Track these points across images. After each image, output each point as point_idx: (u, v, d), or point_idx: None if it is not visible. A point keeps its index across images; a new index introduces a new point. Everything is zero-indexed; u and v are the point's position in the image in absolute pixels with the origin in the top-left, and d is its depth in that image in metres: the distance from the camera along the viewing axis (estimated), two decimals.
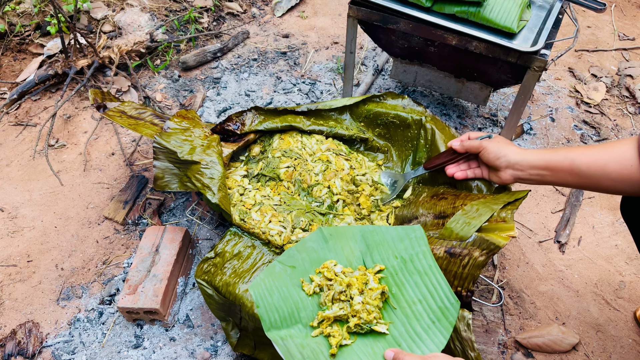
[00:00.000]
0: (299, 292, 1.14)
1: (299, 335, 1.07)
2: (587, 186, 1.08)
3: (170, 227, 1.53)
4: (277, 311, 1.10)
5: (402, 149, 1.55)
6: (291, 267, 1.17)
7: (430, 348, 1.02)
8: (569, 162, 1.07)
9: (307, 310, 1.12)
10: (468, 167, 1.31)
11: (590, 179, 1.06)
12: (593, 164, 1.04)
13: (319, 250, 1.20)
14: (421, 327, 1.05)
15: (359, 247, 1.20)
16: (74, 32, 2.03)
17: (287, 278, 1.15)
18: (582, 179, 1.07)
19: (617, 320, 1.48)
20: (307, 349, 1.03)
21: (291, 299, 1.13)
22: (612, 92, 2.18)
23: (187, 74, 2.26)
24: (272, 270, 1.16)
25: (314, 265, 1.18)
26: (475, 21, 1.56)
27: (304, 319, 1.11)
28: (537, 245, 1.66)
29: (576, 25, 1.60)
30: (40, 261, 1.60)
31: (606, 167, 1.02)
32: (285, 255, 1.19)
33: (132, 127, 1.49)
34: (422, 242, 1.15)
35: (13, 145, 1.96)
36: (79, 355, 1.39)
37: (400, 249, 1.16)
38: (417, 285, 1.11)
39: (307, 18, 2.57)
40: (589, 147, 1.08)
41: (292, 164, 1.48)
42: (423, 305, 1.08)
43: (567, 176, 1.08)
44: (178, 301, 1.47)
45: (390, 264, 1.15)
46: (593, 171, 1.04)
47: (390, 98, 1.56)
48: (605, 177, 1.03)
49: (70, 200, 1.77)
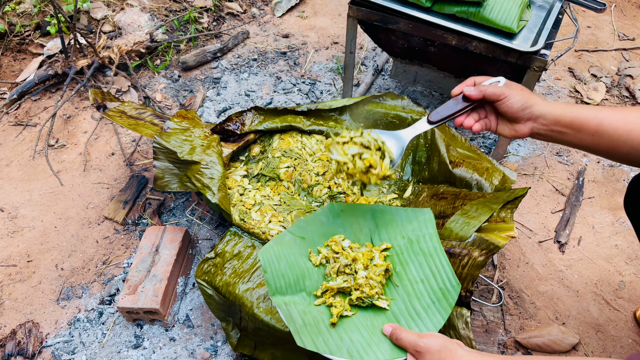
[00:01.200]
0: (305, 262, 1.16)
1: (302, 303, 1.09)
2: (604, 150, 1.01)
3: (170, 227, 1.53)
4: (283, 277, 1.11)
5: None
6: (300, 238, 1.19)
7: (428, 327, 1.04)
8: (597, 122, 0.99)
9: (312, 279, 1.14)
10: (478, 118, 1.12)
11: (612, 143, 0.98)
12: (620, 128, 0.97)
13: (328, 225, 1.22)
14: (421, 306, 1.07)
15: (367, 225, 1.22)
16: (74, 32, 2.03)
17: (295, 247, 1.17)
18: (603, 141, 0.99)
19: (617, 320, 1.48)
20: (308, 315, 1.05)
21: (298, 268, 1.14)
22: (612, 92, 2.18)
23: (187, 74, 2.26)
24: (281, 239, 1.17)
25: (323, 238, 1.20)
26: (475, 21, 1.56)
27: (308, 287, 1.13)
28: (537, 245, 1.66)
29: (576, 25, 1.60)
30: (40, 261, 1.60)
31: (633, 132, 0.96)
32: (296, 226, 1.20)
33: (132, 127, 1.49)
34: (430, 225, 1.16)
35: (13, 145, 1.96)
36: (79, 355, 1.39)
37: (408, 230, 1.17)
38: (420, 265, 1.12)
39: (307, 18, 2.57)
40: (617, 109, 1.00)
41: (292, 164, 1.48)
42: (425, 285, 1.09)
43: (589, 137, 1.00)
44: (178, 301, 1.47)
45: (397, 243, 1.17)
46: (618, 135, 0.97)
47: (390, 98, 1.56)
48: (628, 143, 0.97)
49: (70, 200, 1.77)
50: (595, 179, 1.85)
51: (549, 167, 1.88)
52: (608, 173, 1.87)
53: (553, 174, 1.87)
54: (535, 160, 1.90)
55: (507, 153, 1.91)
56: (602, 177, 1.86)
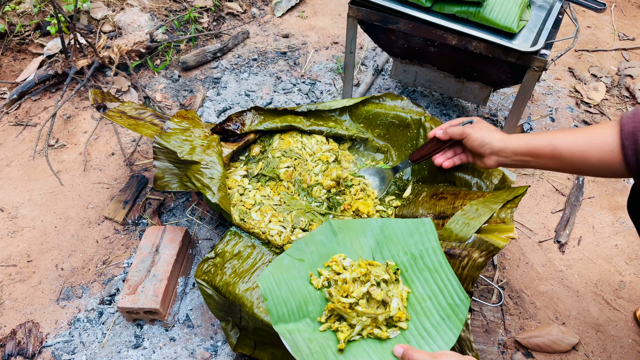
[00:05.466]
0: (307, 285, 1.13)
1: (307, 329, 1.06)
2: (569, 170, 1.10)
3: (170, 227, 1.53)
4: (285, 304, 1.09)
5: (402, 149, 1.55)
6: (299, 260, 1.17)
7: (440, 345, 1.02)
8: (551, 148, 1.08)
9: (315, 304, 1.11)
10: (454, 154, 1.30)
11: (572, 164, 1.07)
12: (575, 150, 1.05)
13: (327, 244, 1.20)
14: (431, 324, 1.05)
15: (368, 243, 1.20)
16: (74, 32, 2.03)
17: (295, 271, 1.15)
18: (564, 164, 1.08)
19: (617, 320, 1.48)
20: (314, 343, 1.02)
21: (299, 293, 1.12)
22: (612, 92, 2.18)
23: (187, 74, 2.26)
24: (280, 262, 1.15)
25: (323, 259, 1.18)
26: (475, 21, 1.56)
27: (312, 312, 1.10)
28: (537, 245, 1.66)
29: (576, 25, 1.60)
30: (40, 261, 1.60)
31: (587, 152, 1.03)
32: (294, 247, 1.18)
33: (132, 127, 1.49)
34: (432, 237, 1.15)
35: (13, 145, 1.96)
36: (79, 355, 1.39)
37: (410, 245, 1.16)
38: (427, 281, 1.10)
39: (307, 18, 2.57)
40: (571, 132, 1.08)
41: (292, 164, 1.48)
42: (433, 302, 1.08)
43: (549, 161, 1.10)
44: (178, 301, 1.48)
45: (400, 260, 1.15)
46: (575, 157, 1.05)
47: (389, 99, 1.56)
48: (586, 162, 1.04)
49: (70, 200, 1.77)
50: (595, 178, 1.85)
51: None
52: None
53: (553, 174, 1.87)
54: None
55: None
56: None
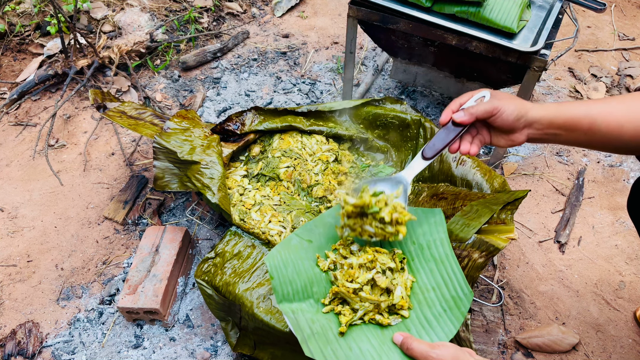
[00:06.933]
0: (313, 267, 1.13)
1: (310, 310, 1.06)
2: (597, 146, 1.01)
3: (170, 227, 1.53)
4: (291, 284, 1.08)
5: (402, 149, 1.55)
6: (308, 241, 1.16)
7: (440, 336, 1.02)
8: (590, 120, 0.97)
9: (320, 285, 1.11)
10: (472, 137, 1.09)
11: (604, 139, 0.98)
12: (612, 124, 0.96)
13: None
14: (432, 315, 1.05)
15: None
16: (74, 32, 2.03)
17: (302, 252, 1.14)
18: (596, 138, 0.99)
19: (617, 320, 1.48)
20: (316, 324, 1.02)
21: (305, 274, 1.11)
22: (612, 92, 2.18)
23: (187, 74, 2.26)
24: (288, 242, 1.14)
25: (330, 241, 1.17)
26: (475, 21, 1.56)
27: (316, 294, 1.10)
28: (537, 245, 1.66)
29: (576, 25, 1.60)
30: (40, 261, 1.60)
31: (623, 128, 0.95)
32: (303, 228, 1.18)
33: (132, 127, 1.49)
34: (440, 229, 1.14)
35: (13, 145, 1.96)
36: (79, 355, 1.39)
37: (419, 234, 1.15)
38: (432, 272, 1.10)
39: (307, 18, 2.57)
40: (607, 102, 0.98)
41: (292, 164, 1.48)
42: (436, 293, 1.07)
43: (582, 136, 0.99)
44: (178, 301, 1.48)
45: (407, 249, 1.14)
46: (610, 131, 0.96)
47: (389, 103, 1.57)
48: (620, 138, 0.96)
49: (70, 200, 1.77)
50: (595, 178, 1.85)
51: (549, 167, 1.88)
52: (608, 173, 1.87)
53: (553, 174, 1.87)
54: (535, 160, 1.90)
55: (507, 153, 1.91)
56: (602, 177, 1.86)
